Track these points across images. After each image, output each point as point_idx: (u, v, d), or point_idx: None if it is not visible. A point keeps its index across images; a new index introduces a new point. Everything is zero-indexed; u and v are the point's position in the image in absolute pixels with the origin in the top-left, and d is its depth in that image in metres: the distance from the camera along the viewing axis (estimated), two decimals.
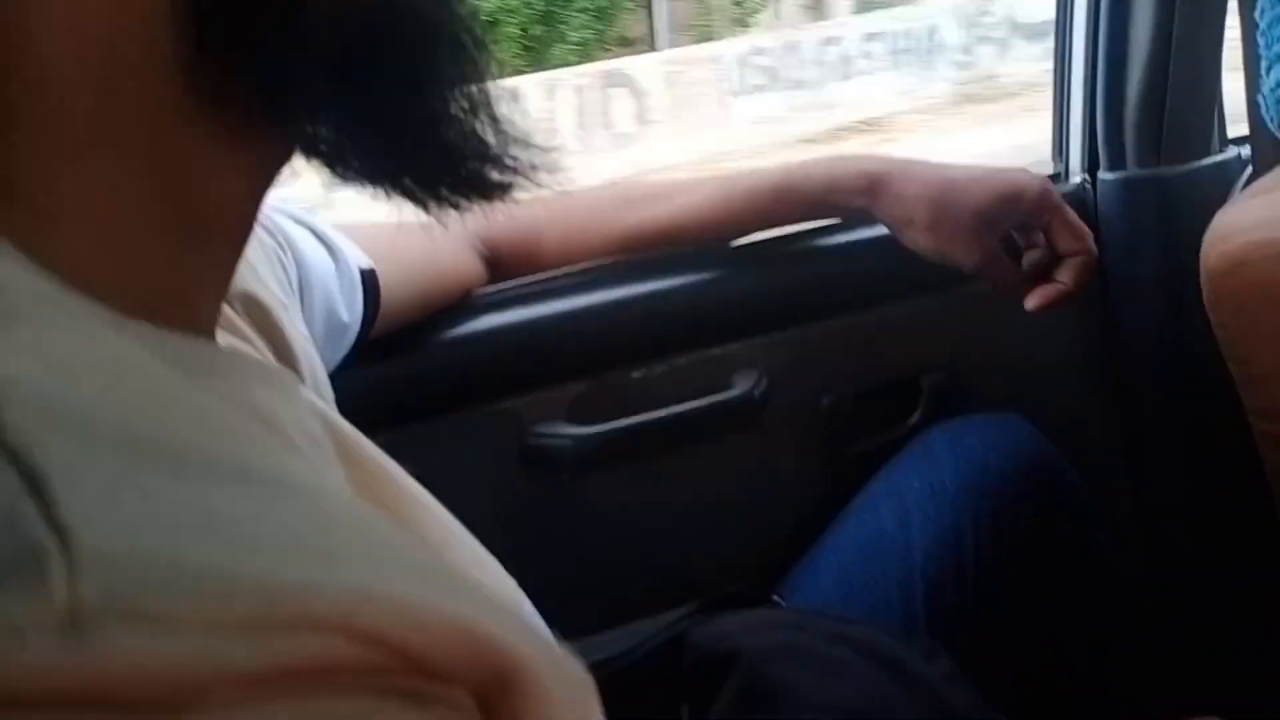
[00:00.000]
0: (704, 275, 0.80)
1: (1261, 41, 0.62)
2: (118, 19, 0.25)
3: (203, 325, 0.30)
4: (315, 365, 0.45)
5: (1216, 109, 0.87)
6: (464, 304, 0.76)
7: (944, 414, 0.81)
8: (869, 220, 0.77)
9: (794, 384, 0.81)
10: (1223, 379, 0.75)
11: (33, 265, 0.23)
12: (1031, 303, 0.73)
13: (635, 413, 0.76)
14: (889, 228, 0.75)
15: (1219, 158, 0.86)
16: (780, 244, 0.84)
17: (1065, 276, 0.74)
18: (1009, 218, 0.72)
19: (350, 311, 0.60)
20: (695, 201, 0.77)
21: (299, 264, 0.54)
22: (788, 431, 0.82)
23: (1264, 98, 0.65)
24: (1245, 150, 0.86)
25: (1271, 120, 0.64)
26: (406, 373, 0.72)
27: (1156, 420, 0.88)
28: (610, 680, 0.70)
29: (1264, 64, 0.62)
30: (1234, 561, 0.87)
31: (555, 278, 0.78)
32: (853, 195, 0.74)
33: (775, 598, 0.64)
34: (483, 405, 0.75)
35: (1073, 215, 0.74)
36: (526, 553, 0.76)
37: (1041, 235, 0.74)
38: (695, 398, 0.78)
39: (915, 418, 0.85)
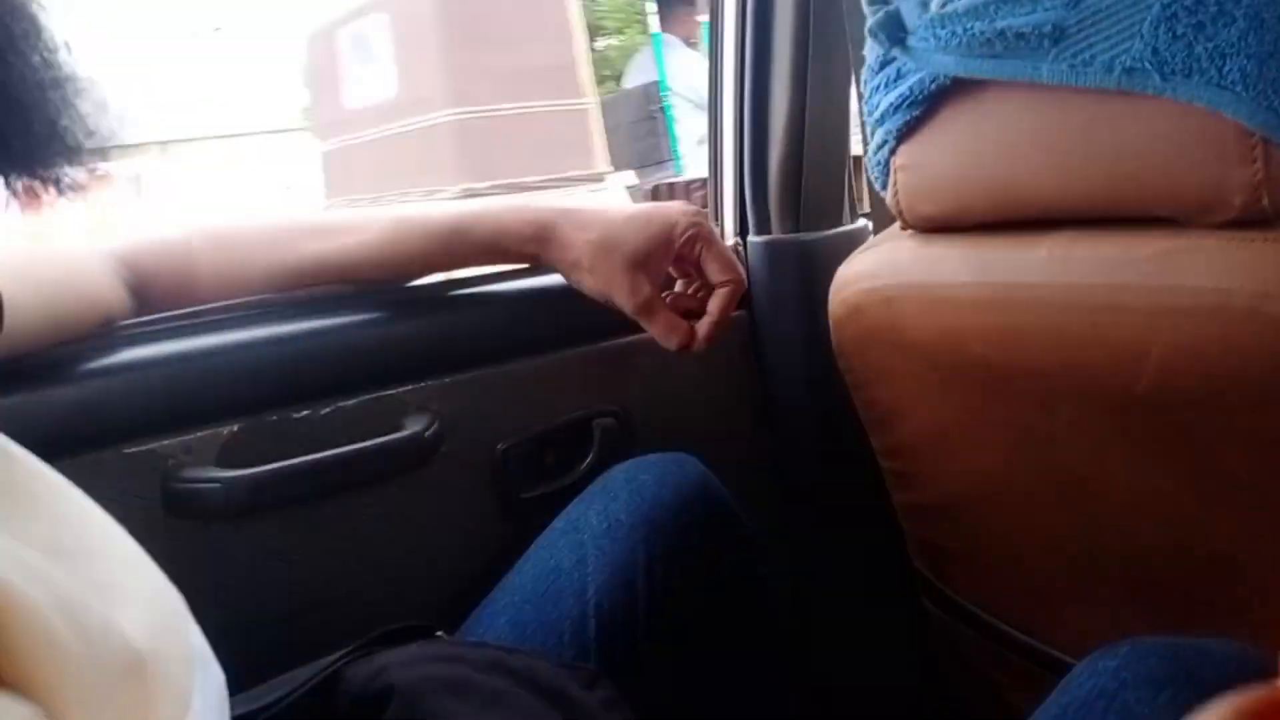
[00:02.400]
0: (373, 315, 0.79)
1: (866, 109, 0.71)
2: None
3: None
4: None
5: (847, 185, 0.98)
6: (106, 335, 0.70)
7: (617, 456, 0.84)
8: (542, 267, 0.80)
9: (467, 428, 0.81)
10: (858, 422, 0.84)
11: None
12: (691, 342, 0.79)
13: (294, 455, 0.73)
14: (559, 272, 0.79)
15: (850, 226, 0.97)
16: (454, 287, 0.84)
17: (714, 306, 0.80)
18: (663, 252, 0.78)
19: None
20: (366, 240, 0.77)
21: None
22: (462, 476, 0.81)
23: (869, 160, 0.74)
24: (869, 223, 0.99)
25: (878, 180, 0.73)
26: (35, 406, 0.66)
27: (803, 461, 0.96)
28: None
29: (869, 129, 0.71)
30: (868, 588, 0.96)
31: (210, 311, 0.74)
32: (522, 242, 0.77)
33: (439, 633, 0.63)
34: (123, 445, 0.68)
35: (723, 246, 0.81)
36: None
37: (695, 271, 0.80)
38: (362, 440, 0.75)
39: (588, 461, 0.87)
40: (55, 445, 0.65)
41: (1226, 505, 0.59)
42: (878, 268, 0.74)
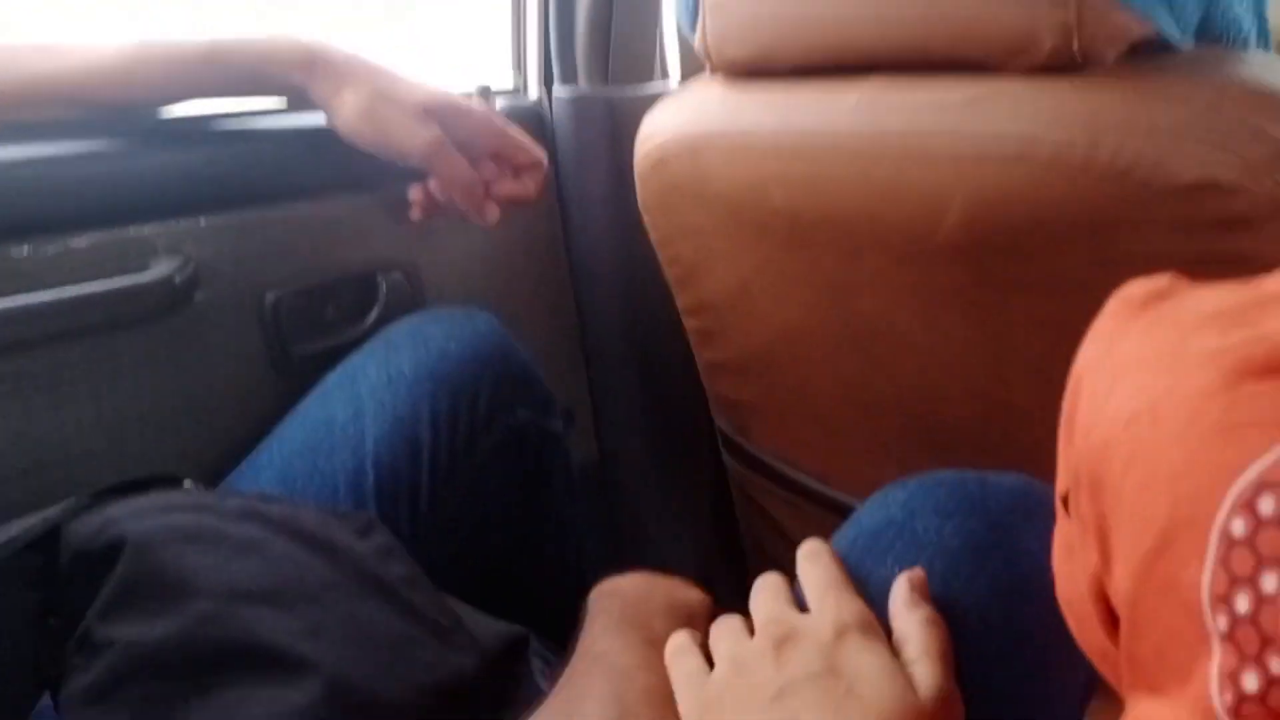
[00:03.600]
0: (114, 143, 0.68)
1: None
2: None
3: None
4: None
5: (658, 40, 0.94)
6: None
7: (404, 313, 0.78)
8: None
9: (229, 275, 0.72)
10: (663, 281, 0.81)
11: None
12: (492, 214, 0.75)
13: (14, 294, 0.62)
14: (324, 109, 0.70)
15: (660, 85, 0.93)
16: (212, 121, 0.74)
17: (528, 185, 0.76)
18: (455, 123, 0.72)
19: None
20: (104, 60, 0.66)
21: None
22: (225, 327, 0.73)
23: (677, 3, 0.70)
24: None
25: (685, 23, 0.69)
26: None
27: (607, 322, 0.93)
28: None
29: None
30: (670, 446, 0.95)
31: None
32: (290, 70, 0.69)
33: (185, 484, 0.56)
34: None
35: (518, 133, 0.76)
36: None
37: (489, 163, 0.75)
38: (96, 279, 0.65)
39: (373, 316, 0.80)
40: None
41: (1020, 353, 0.60)
42: (683, 116, 0.70)
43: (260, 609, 0.45)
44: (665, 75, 0.94)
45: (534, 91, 0.93)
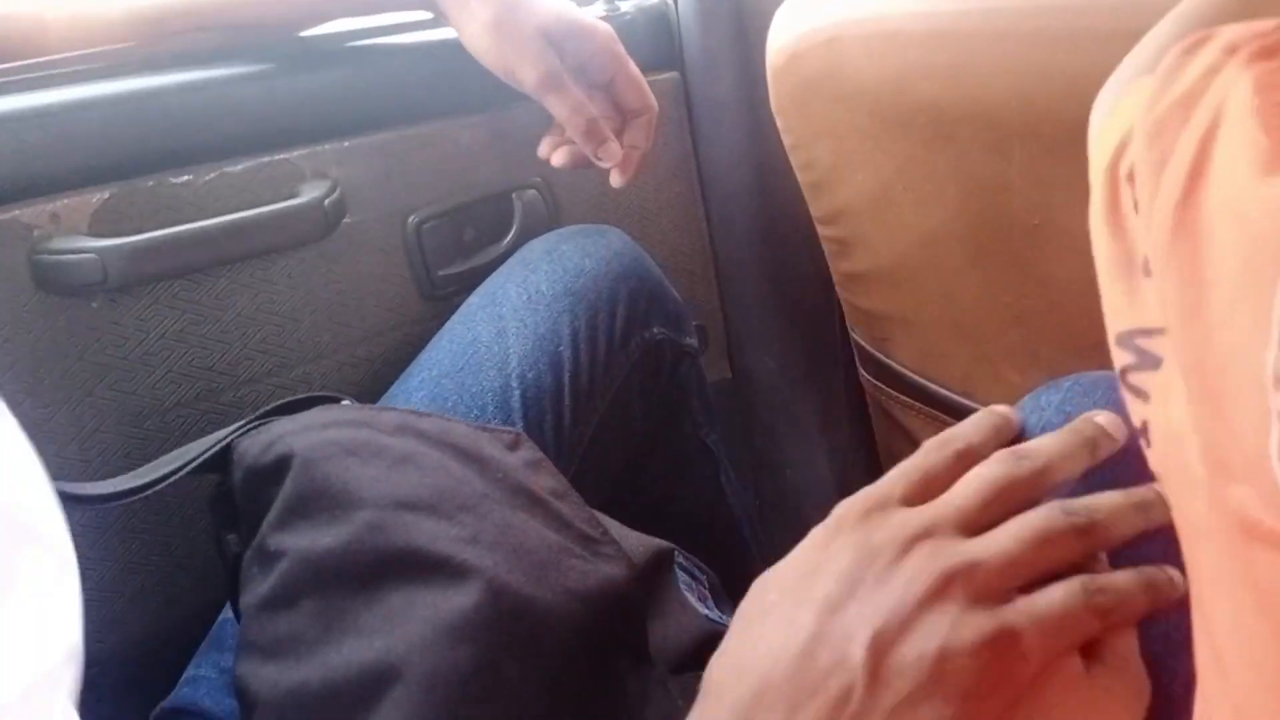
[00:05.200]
0: (260, 68, 0.70)
1: None
2: None
3: None
4: None
5: None
6: None
7: (541, 232, 0.79)
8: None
9: (374, 198, 0.75)
10: (795, 189, 0.79)
11: None
12: (618, 179, 0.73)
13: (176, 223, 0.66)
14: (451, 22, 0.70)
15: None
16: (351, 38, 0.76)
17: (638, 138, 0.74)
18: (575, 48, 0.70)
19: None
20: None
21: None
22: (371, 250, 0.75)
23: None
24: None
25: None
26: None
27: (737, 232, 0.91)
28: (149, 507, 0.60)
29: None
30: (805, 362, 0.94)
31: (66, 60, 0.65)
32: None
33: (344, 401, 0.58)
34: None
35: (636, 71, 0.74)
36: (56, 388, 0.65)
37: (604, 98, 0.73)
38: (251, 207, 0.68)
39: (510, 236, 0.81)
40: None
41: None
42: (817, 8, 0.67)
43: (420, 517, 0.47)
44: None
45: None
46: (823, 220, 0.77)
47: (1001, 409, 0.44)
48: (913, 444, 0.84)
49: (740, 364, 0.95)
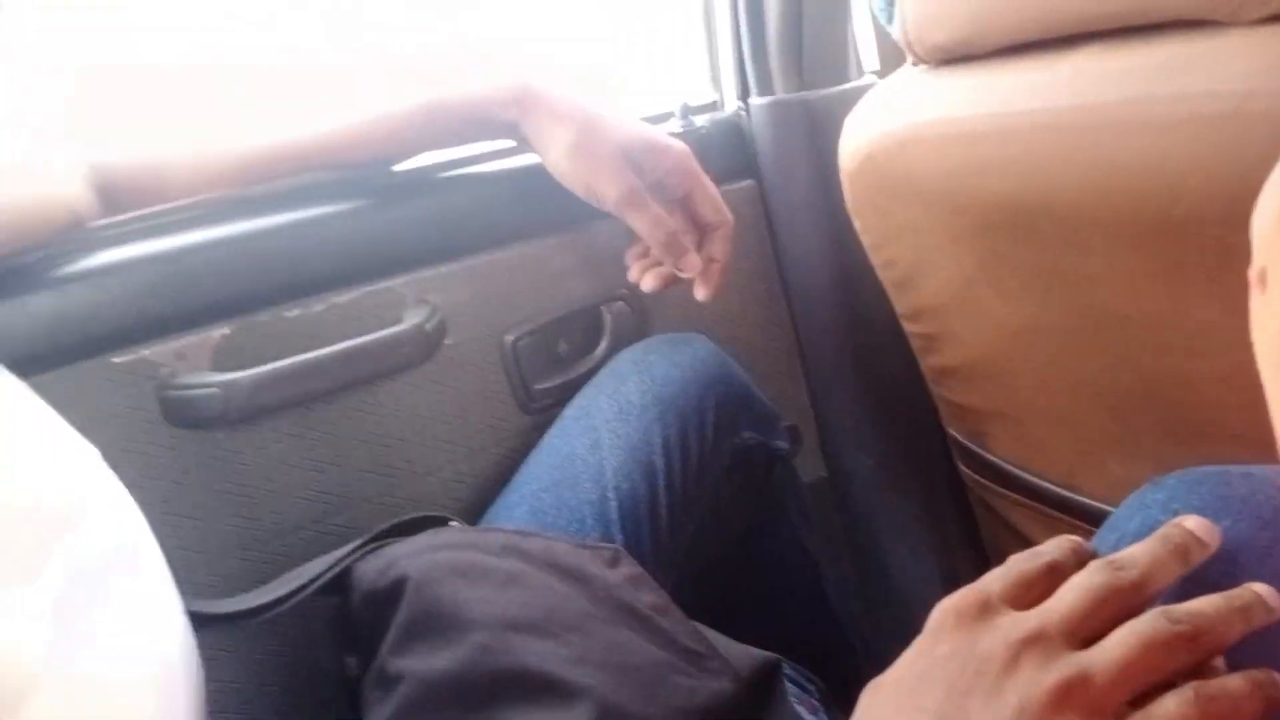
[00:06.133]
0: (360, 203, 0.75)
1: None
2: None
3: None
4: None
5: (850, 40, 0.92)
6: (78, 238, 0.67)
7: (631, 341, 0.81)
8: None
9: (472, 319, 0.78)
10: (879, 287, 0.80)
11: None
12: (702, 292, 0.75)
13: (291, 355, 0.70)
14: (534, 148, 0.73)
15: (858, 83, 0.91)
16: (443, 169, 0.80)
17: (716, 251, 0.76)
18: (652, 165, 0.73)
19: None
20: (344, 122, 0.72)
21: None
22: (471, 369, 0.78)
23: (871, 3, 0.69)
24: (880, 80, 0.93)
25: (881, 14, 0.68)
26: (10, 317, 0.63)
27: (823, 333, 0.92)
28: (273, 627, 0.63)
29: None
30: (901, 459, 0.93)
31: (185, 208, 0.71)
32: (504, 109, 0.72)
33: (451, 522, 0.61)
34: (109, 354, 0.66)
35: (711, 186, 0.76)
36: (185, 516, 0.69)
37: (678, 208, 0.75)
38: (359, 335, 0.72)
39: (601, 347, 0.84)
40: (38, 359, 0.63)
41: None
42: (889, 110, 0.69)
43: (529, 638, 0.48)
44: (861, 73, 0.93)
45: (732, 103, 0.94)
46: (908, 317, 0.78)
47: (1074, 540, 0.44)
48: (1020, 539, 0.82)
49: (836, 463, 0.95)
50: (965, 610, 0.40)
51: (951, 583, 0.94)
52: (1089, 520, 0.71)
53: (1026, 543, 0.81)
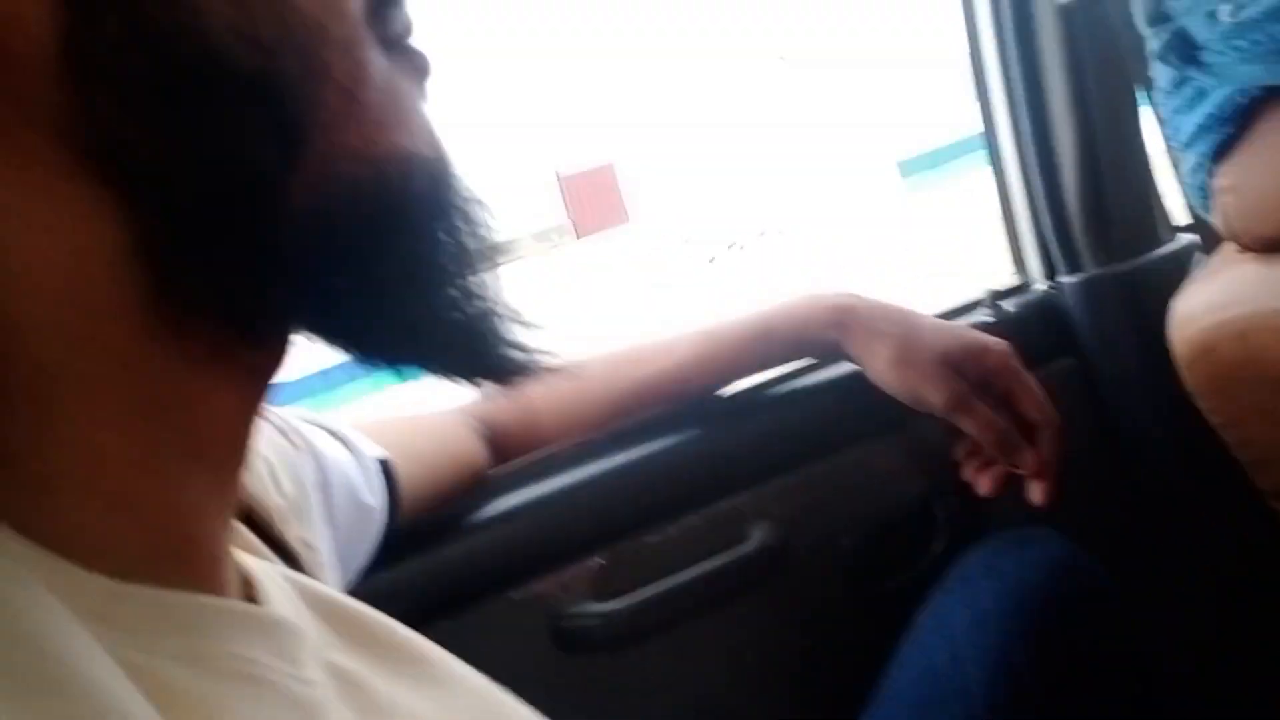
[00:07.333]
0: (700, 430, 0.82)
1: (1167, 133, 0.66)
2: (80, 270, 0.25)
3: (203, 560, 0.29)
4: (324, 566, 0.46)
5: (1154, 201, 0.91)
6: (476, 489, 0.77)
7: (965, 538, 0.81)
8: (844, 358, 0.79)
9: (810, 528, 0.82)
10: (1228, 460, 0.76)
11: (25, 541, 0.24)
12: (1039, 495, 0.73)
13: (657, 579, 0.77)
14: (857, 363, 0.77)
15: (1171, 247, 0.90)
16: (766, 388, 0.86)
17: (1047, 450, 0.74)
18: (973, 368, 0.74)
19: (374, 495, 0.61)
20: (681, 357, 0.79)
21: (316, 458, 0.55)
22: (812, 578, 0.82)
23: (1184, 185, 0.69)
24: (1196, 237, 0.90)
25: (1198, 205, 0.68)
26: (430, 566, 0.73)
27: (1176, 512, 0.88)
28: None
29: (1176, 154, 0.66)
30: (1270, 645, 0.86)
31: (558, 453, 0.80)
32: (824, 329, 0.77)
33: None
34: (508, 591, 0.75)
35: (1034, 383, 0.75)
36: None
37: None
38: (712, 555, 0.78)
39: (939, 546, 0.85)
40: (452, 602, 0.74)
41: None
42: (1222, 299, 0.68)
43: None
44: (1172, 234, 0.91)
45: (1040, 284, 0.94)
46: (1273, 494, 0.74)
47: None
48: None
49: (1206, 656, 0.89)
50: None
51: None
52: None
53: None
